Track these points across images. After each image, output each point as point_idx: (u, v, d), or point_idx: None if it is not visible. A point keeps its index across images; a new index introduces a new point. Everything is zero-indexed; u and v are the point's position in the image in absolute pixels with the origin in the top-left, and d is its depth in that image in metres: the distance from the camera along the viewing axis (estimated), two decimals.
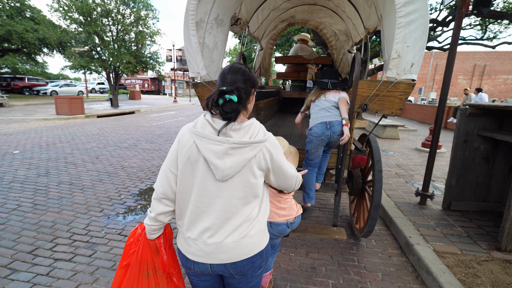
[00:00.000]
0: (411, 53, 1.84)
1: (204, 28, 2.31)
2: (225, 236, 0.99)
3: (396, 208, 3.17)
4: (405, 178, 4.32)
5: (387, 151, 6.17)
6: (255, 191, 1.01)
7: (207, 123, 0.98)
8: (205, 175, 0.97)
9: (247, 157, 0.95)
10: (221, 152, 0.93)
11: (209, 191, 0.98)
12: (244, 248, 1.01)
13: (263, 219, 1.08)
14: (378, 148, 2.35)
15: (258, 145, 0.97)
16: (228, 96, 0.95)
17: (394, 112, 2.00)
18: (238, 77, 1.01)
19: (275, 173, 1.06)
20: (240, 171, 0.97)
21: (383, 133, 7.76)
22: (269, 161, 1.01)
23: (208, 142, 0.94)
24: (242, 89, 0.99)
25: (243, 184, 0.98)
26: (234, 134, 0.96)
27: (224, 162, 0.93)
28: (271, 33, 4.90)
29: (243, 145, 0.94)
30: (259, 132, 1.00)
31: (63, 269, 2.22)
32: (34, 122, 10.01)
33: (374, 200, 2.23)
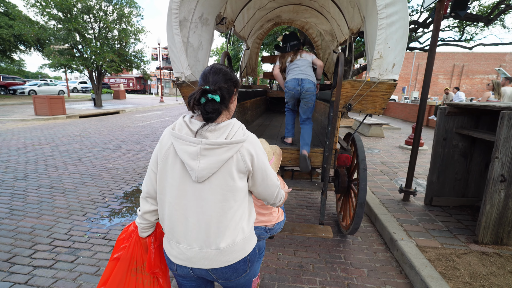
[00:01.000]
0: (392, 54, 1.89)
1: (188, 27, 2.27)
2: (206, 242, 0.97)
3: (381, 205, 3.25)
4: (390, 175, 4.44)
5: (372, 149, 6.33)
6: (235, 195, 0.98)
7: (184, 125, 0.98)
8: (183, 177, 0.96)
9: (222, 158, 0.93)
10: (195, 153, 0.92)
11: (187, 194, 0.96)
12: (226, 256, 0.99)
13: (247, 225, 1.05)
14: (363, 147, 2.40)
15: (235, 146, 0.94)
16: (210, 96, 0.94)
17: (377, 111, 2.04)
18: (220, 77, 1.00)
19: (256, 177, 1.03)
20: (217, 173, 0.95)
21: (368, 131, 7.94)
22: (249, 163, 0.98)
23: (183, 143, 0.93)
24: (225, 88, 0.99)
25: (221, 187, 0.96)
26: (210, 135, 0.95)
27: (198, 163, 0.92)
28: (257, 32, 4.89)
29: (217, 146, 0.92)
30: (237, 132, 0.97)
31: (43, 277, 2.13)
32: (10, 123, 9.55)
33: (359, 198, 2.27)
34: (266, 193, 1.10)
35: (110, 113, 13.50)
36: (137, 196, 3.74)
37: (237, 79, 1.09)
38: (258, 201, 1.57)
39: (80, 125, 9.48)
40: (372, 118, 8.86)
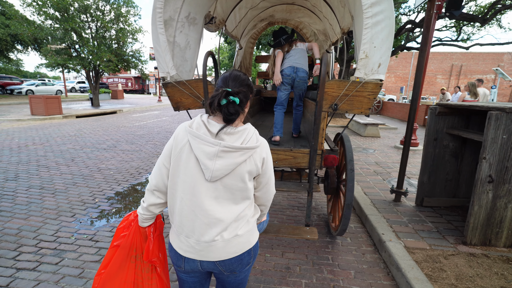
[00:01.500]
0: (378, 53, 1.87)
1: (174, 26, 2.25)
2: (215, 235, 1.02)
3: (372, 206, 3.24)
4: (383, 175, 4.43)
5: (367, 149, 6.31)
6: (244, 194, 1.05)
7: (202, 124, 1.01)
8: (195, 174, 1.00)
9: (237, 161, 0.98)
10: (212, 153, 0.96)
11: (198, 190, 1.00)
12: (233, 247, 1.05)
13: (252, 219, 1.12)
14: (351, 147, 2.38)
15: (249, 151, 1.00)
16: (232, 98, 0.98)
17: (363, 111, 2.02)
18: (239, 82, 1.06)
19: (262, 180, 1.10)
20: (229, 174, 1.00)
21: (364, 131, 7.93)
22: (260, 167, 1.05)
23: (201, 143, 0.97)
24: (244, 92, 1.03)
25: (232, 187, 1.02)
26: (227, 137, 0.99)
27: (214, 163, 0.96)
28: (250, 32, 4.87)
29: (234, 150, 0.97)
30: (252, 138, 1.03)
31: (26, 279, 2.11)
32: (6, 123, 9.50)
33: (346, 199, 2.25)
34: (265, 198, 1.18)
35: (107, 113, 13.46)
36: (129, 197, 3.72)
37: (252, 85, 1.14)
38: None
39: (76, 125, 9.44)
40: (368, 118, 8.85)
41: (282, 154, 2.24)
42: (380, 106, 15.68)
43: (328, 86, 2.00)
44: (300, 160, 2.19)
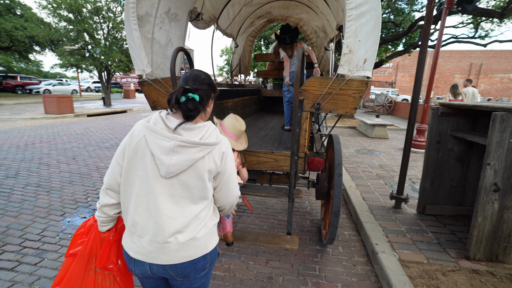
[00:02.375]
0: (363, 48, 1.70)
1: (152, 22, 2.16)
2: (168, 237, 0.97)
3: (369, 212, 3.03)
4: (386, 179, 4.18)
5: (373, 151, 6.04)
6: (201, 193, 1.01)
7: (160, 119, 0.99)
8: (150, 170, 0.97)
9: (195, 157, 0.96)
10: (168, 148, 0.94)
11: (153, 187, 0.97)
12: (187, 251, 1.00)
13: (211, 222, 1.08)
14: (340, 150, 2.21)
15: (208, 148, 0.98)
16: (191, 95, 0.97)
17: (348, 111, 1.85)
18: (199, 81, 1.06)
19: (221, 179, 1.06)
20: (186, 170, 0.97)
21: (371, 132, 7.62)
22: (219, 165, 1.02)
23: (157, 137, 0.95)
24: (204, 90, 1.03)
25: (189, 184, 0.98)
26: (185, 133, 0.97)
27: (170, 159, 0.94)
28: (248, 30, 4.74)
29: (191, 145, 0.95)
30: (212, 135, 1.01)
31: (1, 280, 2.08)
32: (20, 121, 9.85)
33: (333, 206, 2.09)
34: (226, 200, 1.12)
35: (117, 112, 13.73)
36: None
37: (215, 85, 1.13)
38: None
39: (85, 124, 9.66)
40: (377, 119, 8.51)
41: (263, 157, 2.10)
42: (392, 106, 15.13)
43: (309, 84, 1.84)
44: (282, 163, 2.04)
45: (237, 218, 3.14)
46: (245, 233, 1.95)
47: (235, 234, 1.97)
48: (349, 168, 4.69)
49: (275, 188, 2.13)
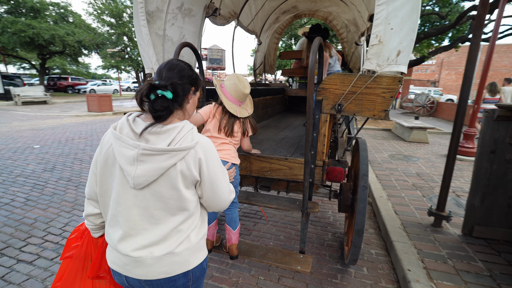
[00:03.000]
0: (396, 37, 1.40)
1: (163, 18, 2.07)
2: (142, 250, 0.89)
3: (402, 229, 2.65)
4: (423, 190, 3.68)
5: (410, 157, 5.44)
6: (179, 204, 0.90)
7: (126, 124, 0.89)
8: (121, 180, 0.88)
9: (163, 165, 0.84)
10: (132, 157, 0.83)
11: (125, 199, 0.89)
12: (164, 267, 0.90)
13: (195, 237, 0.96)
14: (367, 158, 1.91)
15: (178, 154, 0.85)
16: (160, 92, 0.85)
17: (376, 114, 1.56)
18: (175, 73, 0.92)
19: (205, 188, 0.94)
20: (158, 180, 0.86)
21: (409, 136, 6.91)
22: (195, 172, 0.89)
23: (122, 145, 0.85)
24: (179, 85, 0.90)
25: (162, 195, 0.87)
26: (153, 138, 0.86)
27: (135, 169, 0.84)
28: (273, 26, 4.52)
29: (157, 152, 0.83)
30: (185, 138, 0.88)
31: (20, 273, 2.15)
32: (67, 118, 10.79)
33: (356, 223, 1.80)
34: (216, 207, 1.01)
35: None
36: None
37: (197, 77, 1.00)
38: None
39: None
40: (415, 121, 7.71)
41: (276, 163, 1.89)
42: (434, 107, 13.74)
43: (329, 82, 1.59)
44: (297, 171, 1.81)
45: (252, 225, 2.96)
46: (253, 248, 1.76)
47: (242, 248, 1.79)
48: (380, 176, 4.24)
49: (288, 200, 1.90)
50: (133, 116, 0.91)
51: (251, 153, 1.97)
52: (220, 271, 2.21)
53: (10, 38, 17.11)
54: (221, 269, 2.23)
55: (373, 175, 4.20)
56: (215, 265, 2.28)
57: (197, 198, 0.97)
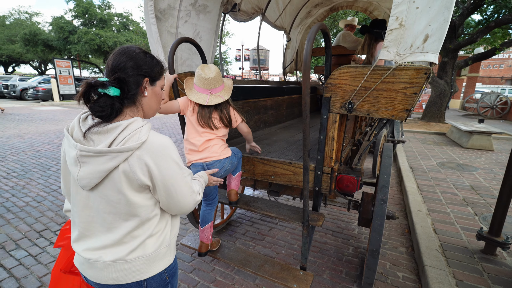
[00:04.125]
0: (423, 18, 1.13)
1: (176, 16, 2.06)
2: (93, 252, 0.86)
3: (439, 252, 2.22)
4: (476, 207, 3.07)
5: (465, 167, 4.65)
6: (128, 209, 0.83)
7: (77, 123, 0.84)
8: (74, 181, 0.86)
9: (104, 168, 0.78)
10: (74, 158, 0.80)
11: (78, 199, 0.87)
12: (113, 273, 0.85)
13: (153, 244, 0.89)
14: (390, 166, 1.62)
15: (119, 155, 0.77)
16: (101, 90, 0.79)
17: (395, 114, 1.29)
18: (122, 63, 0.82)
19: (159, 193, 0.86)
20: (104, 183, 0.81)
21: (467, 141, 5.93)
22: (142, 176, 0.81)
23: (68, 145, 0.82)
24: (124, 78, 0.82)
25: (110, 199, 0.82)
26: (97, 138, 0.80)
27: (78, 170, 0.80)
28: (305, 21, 4.28)
29: (94, 154, 0.77)
30: (131, 137, 0.79)
31: (49, 254, 2.38)
32: None
33: (371, 243, 1.54)
34: (179, 211, 0.93)
35: None
36: None
37: (151, 65, 0.88)
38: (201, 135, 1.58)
39: (162, 120, 10.98)
40: (478, 124, 6.58)
41: (280, 168, 1.72)
42: (507, 108, 11.63)
43: (338, 76, 1.36)
44: (302, 177, 1.61)
45: (267, 230, 2.82)
46: (250, 257, 1.63)
47: (239, 255, 1.67)
48: (423, 186, 3.69)
49: (290, 208, 1.71)
50: (86, 115, 0.86)
51: (254, 154, 1.86)
52: (224, 275, 2.12)
53: (83, 46, 19.83)
54: (225, 273, 2.15)
55: (414, 184, 3.67)
56: (220, 268, 2.20)
57: (154, 202, 0.89)
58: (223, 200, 1.87)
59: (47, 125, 8.76)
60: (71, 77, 16.53)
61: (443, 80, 9.02)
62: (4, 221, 2.88)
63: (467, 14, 8.20)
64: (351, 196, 1.89)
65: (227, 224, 2.92)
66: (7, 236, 2.61)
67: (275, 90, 3.29)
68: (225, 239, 2.64)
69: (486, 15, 9.74)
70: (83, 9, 20.86)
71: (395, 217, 2.07)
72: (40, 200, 3.39)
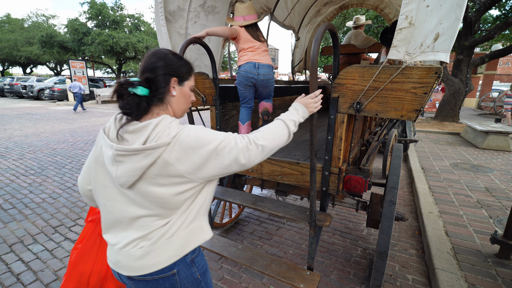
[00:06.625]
0: (434, 16, 1.11)
1: (185, 17, 2.09)
2: (128, 246, 0.88)
3: (451, 256, 2.17)
4: (491, 210, 2.98)
5: (480, 168, 4.50)
6: (165, 203, 0.85)
7: (113, 122, 0.87)
8: (110, 178, 0.88)
9: (141, 165, 0.80)
10: (111, 158, 0.82)
11: (115, 197, 0.88)
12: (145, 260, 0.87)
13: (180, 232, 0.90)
14: (399, 167, 1.60)
15: (155, 151, 0.80)
16: (131, 89, 0.82)
17: (405, 115, 1.27)
18: (152, 63, 0.87)
19: (200, 174, 0.85)
20: (142, 180, 0.83)
21: (483, 141, 5.73)
22: (178, 168, 0.82)
23: (104, 145, 0.85)
24: (153, 78, 0.85)
25: (148, 194, 0.84)
26: (130, 137, 0.83)
27: (115, 169, 0.82)
28: (314, 20, 4.25)
29: (130, 152, 0.80)
30: (161, 133, 0.81)
31: (64, 249, 2.47)
32: None
33: (379, 244, 1.52)
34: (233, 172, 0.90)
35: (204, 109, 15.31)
36: None
37: (179, 65, 0.90)
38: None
39: None
40: (494, 124, 6.35)
41: (287, 167, 1.72)
42: None
43: (346, 76, 1.35)
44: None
45: (275, 230, 2.83)
46: (257, 256, 1.64)
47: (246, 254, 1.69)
48: (435, 188, 3.60)
49: (297, 208, 1.71)
50: (121, 115, 0.87)
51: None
52: (231, 274, 2.15)
53: (96, 47, 20.35)
54: (233, 272, 2.17)
55: (425, 186, 3.59)
56: (227, 267, 2.23)
57: (188, 196, 0.88)
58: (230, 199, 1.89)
59: (62, 124, 9.06)
60: (85, 77, 17.00)
61: (458, 78, 8.75)
62: (22, 216, 3.00)
63: (484, 10, 7.92)
64: (360, 196, 1.87)
65: (235, 223, 2.95)
66: (25, 230, 2.72)
67: (284, 90, 3.29)
68: (232, 238, 2.67)
69: (505, 10, 9.38)
70: (97, 11, 21.37)
71: (404, 218, 2.04)
72: (55, 197, 3.52)
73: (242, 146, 0.87)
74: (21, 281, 2.04)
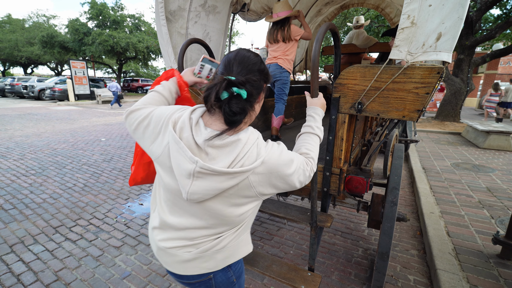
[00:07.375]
0: (436, 16, 1.10)
1: (186, 17, 2.09)
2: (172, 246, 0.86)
3: (453, 256, 2.16)
4: (493, 210, 2.97)
5: (481, 168, 4.49)
6: (235, 221, 0.83)
7: (188, 125, 0.75)
8: (174, 185, 0.79)
9: (223, 186, 0.74)
10: (188, 172, 0.72)
11: (178, 202, 0.82)
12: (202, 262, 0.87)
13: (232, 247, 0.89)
14: (401, 168, 1.59)
15: (241, 175, 0.73)
16: (236, 90, 0.71)
17: (406, 115, 1.26)
18: (249, 67, 0.77)
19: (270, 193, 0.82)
20: (215, 198, 0.77)
21: (484, 141, 5.72)
22: (260, 188, 0.78)
23: (179, 152, 0.73)
24: (253, 82, 0.76)
25: (216, 212, 0.79)
26: (214, 152, 0.74)
27: (190, 184, 0.73)
28: (315, 19, 4.24)
29: (216, 173, 0.72)
30: (249, 155, 0.74)
31: (64, 250, 2.47)
32: None
33: (380, 245, 1.51)
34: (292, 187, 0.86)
35: None
36: None
37: (267, 71, 0.84)
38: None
39: None
40: (495, 124, 6.33)
41: None
42: None
43: (347, 76, 1.35)
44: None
45: (275, 230, 2.82)
46: (258, 256, 1.64)
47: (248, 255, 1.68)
48: (436, 188, 3.59)
49: (299, 209, 1.71)
50: (197, 116, 0.77)
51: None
52: None
53: (97, 48, 20.37)
54: None
55: (427, 186, 3.58)
56: None
57: (249, 214, 0.86)
58: None
59: (63, 125, 9.07)
60: (86, 78, 17.01)
61: (459, 78, 8.73)
62: (23, 216, 3.00)
63: (485, 9, 7.89)
64: (361, 197, 1.87)
65: None
66: (25, 231, 2.72)
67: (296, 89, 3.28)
68: None
69: (506, 9, 9.35)
70: (97, 11, 21.40)
71: (406, 219, 2.03)
72: (56, 197, 3.52)
73: (310, 168, 0.87)
74: (21, 281, 2.04)
